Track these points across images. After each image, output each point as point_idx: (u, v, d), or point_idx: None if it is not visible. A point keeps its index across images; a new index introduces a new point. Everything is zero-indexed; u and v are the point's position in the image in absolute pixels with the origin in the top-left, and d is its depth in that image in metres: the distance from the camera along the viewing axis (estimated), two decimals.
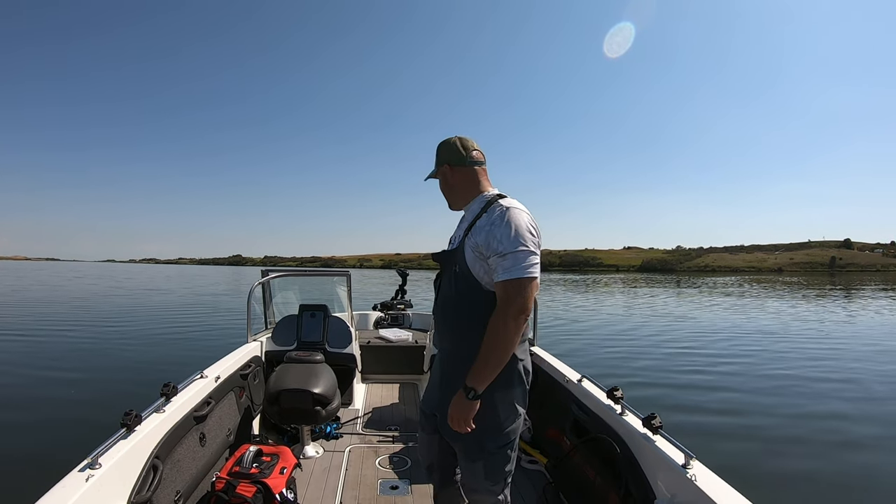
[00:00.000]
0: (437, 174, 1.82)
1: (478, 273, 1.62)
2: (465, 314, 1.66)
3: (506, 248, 1.52)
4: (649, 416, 1.99)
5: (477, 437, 1.63)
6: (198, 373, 2.77)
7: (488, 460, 1.67)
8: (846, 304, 22.84)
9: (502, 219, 1.57)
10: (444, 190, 1.82)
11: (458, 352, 1.70)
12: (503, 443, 1.68)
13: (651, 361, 8.94)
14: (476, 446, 1.66)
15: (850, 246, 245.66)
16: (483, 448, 1.66)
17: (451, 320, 1.72)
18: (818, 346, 10.88)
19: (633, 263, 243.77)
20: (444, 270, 1.76)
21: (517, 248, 1.51)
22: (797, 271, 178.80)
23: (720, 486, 1.58)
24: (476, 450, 1.67)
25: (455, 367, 1.70)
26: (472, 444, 1.66)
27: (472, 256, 1.62)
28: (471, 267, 1.62)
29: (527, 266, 1.51)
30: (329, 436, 3.44)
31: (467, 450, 1.69)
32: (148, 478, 1.89)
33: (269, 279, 4.25)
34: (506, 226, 1.54)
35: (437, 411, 1.78)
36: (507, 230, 1.53)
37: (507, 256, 1.51)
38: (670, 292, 32.96)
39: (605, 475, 2.22)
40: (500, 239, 1.54)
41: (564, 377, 2.93)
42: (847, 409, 6.12)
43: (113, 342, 10.31)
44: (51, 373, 7.47)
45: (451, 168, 1.77)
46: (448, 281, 1.72)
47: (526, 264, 1.51)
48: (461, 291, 1.66)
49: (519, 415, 1.68)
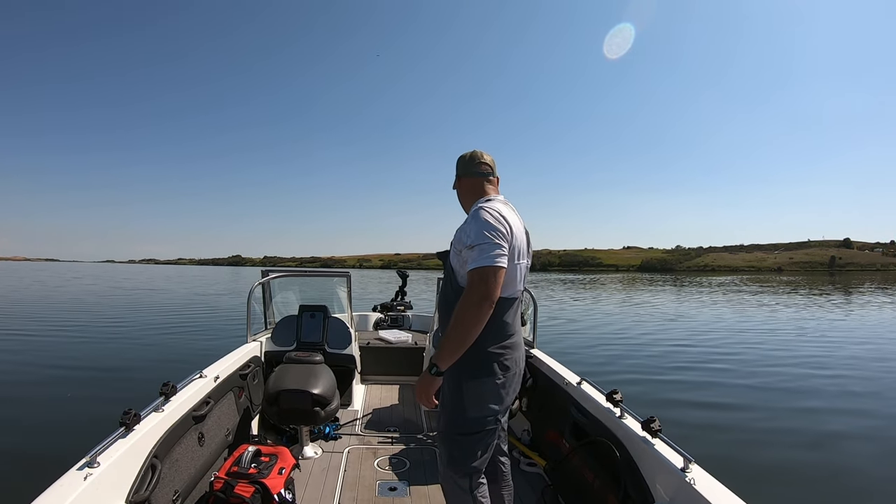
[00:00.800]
0: (455, 184, 2.03)
1: (458, 271, 1.78)
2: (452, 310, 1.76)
3: (473, 240, 1.67)
4: (648, 419, 1.99)
5: (442, 421, 1.82)
6: (197, 372, 2.77)
7: (451, 445, 1.80)
8: (845, 304, 22.84)
9: (474, 216, 1.75)
10: (460, 200, 2.02)
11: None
12: (465, 431, 1.77)
13: (651, 362, 8.96)
14: (441, 429, 1.84)
15: (849, 245, 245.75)
16: (446, 432, 1.81)
17: (444, 316, 1.83)
18: (818, 345, 10.88)
19: (633, 263, 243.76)
20: (444, 272, 1.94)
21: (483, 240, 1.65)
22: (797, 271, 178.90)
23: (719, 489, 1.59)
24: (441, 433, 1.84)
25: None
26: (440, 426, 1.85)
27: (453, 253, 1.82)
28: (454, 265, 1.80)
29: (493, 256, 1.63)
30: (328, 436, 3.44)
31: (437, 432, 1.89)
32: (146, 477, 1.89)
33: (269, 279, 4.25)
34: (474, 221, 1.72)
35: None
36: (476, 224, 1.70)
37: (474, 248, 1.66)
38: (669, 292, 32.96)
39: (604, 478, 2.22)
40: (468, 233, 1.71)
41: (564, 380, 2.93)
42: (846, 410, 6.12)
43: (112, 341, 10.32)
44: (50, 371, 7.47)
45: (458, 179, 2.00)
46: (444, 280, 1.91)
47: (492, 254, 1.63)
48: (449, 289, 1.84)
49: (489, 408, 1.75)
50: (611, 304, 22.42)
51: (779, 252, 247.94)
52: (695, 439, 4.92)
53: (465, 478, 1.80)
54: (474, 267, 1.63)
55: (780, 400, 6.54)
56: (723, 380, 7.66)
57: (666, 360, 9.09)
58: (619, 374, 7.96)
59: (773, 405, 6.30)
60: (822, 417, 5.84)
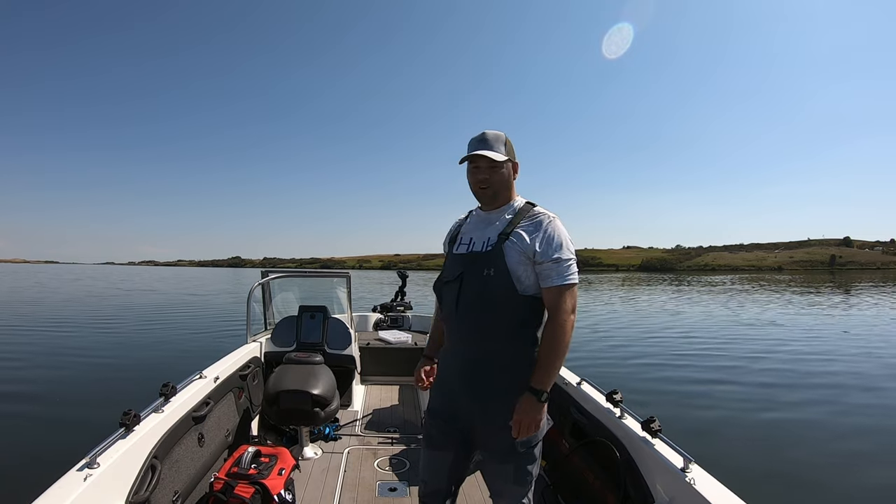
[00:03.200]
0: (503, 164, 1.66)
1: (519, 277, 1.59)
2: (503, 319, 1.61)
3: (563, 254, 1.58)
4: (648, 419, 1.99)
5: (509, 439, 1.60)
6: (197, 373, 2.77)
7: (519, 462, 1.65)
8: (845, 302, 22.84)
9: (554, 227, 1.62)
10: (497, 182, 1.67)
11: (493, 358, 1.64)
12: (534, 443, 1.66)
13: (651, 361, 8.96)
14: (508, 447, 1.62)
15: (849, 244, 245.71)
16: (514, 449, 1.63)
17: (484, 325, 1.62)
18: (818, 345, 10.88)
19: (633, 263, 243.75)
20: (471, 272, 1.65)
21: (572, 255, 1.60)
22: (797, 270, 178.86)
23: (719, 489, 1.58)
24: (508, 451, 1.63)
25: (488, 374, 1.64)
26: (505, 442, 1.62)
27: (516, 259, 1.60)
28: (512, 270, 1.59)
29: (575, 272, 1.61)
30: (328, 437, 3.43)
31: (499, 452, 1.65)
32: (146, 478, 1.89)
33: (269, 280, 4.25)
34: (560, 234, 1.61)
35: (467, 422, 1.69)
36: (562, 238, 1.60)
37: (564, 263, 1.58)
38: (669, 291, 32.96)
39: (603, 478, 2.22)
40: (555, 247, 1.58)
41: (563, 380, 2.93)
42: (848, 409, 6.12)
43: (112, 342, 10.33)
44: (50, 372, 7.48)
45: (511, 163, 1.70)
46: (477, 283, 1.62)
47: (575, 271, 1.61)
48: (496, 295, 1.60)
49: (546, 415, 1.65)
50: (611, 304, 22.42)
51: (779, 251, 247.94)
52: (695, 439, 4.92)
53: (530, 490, 1.71)
54: (570, 283, 1.57)
55: (780, 399, 6.54)
56: (723, 379, 7.66)
57: (666, 360, 9.10)
58: (619, 375, 7.97)
59: (773, 405, 6.29)
60: (823, 417, 5.83)
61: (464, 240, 1.75)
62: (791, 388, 7.12)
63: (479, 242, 1.68)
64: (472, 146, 1.67)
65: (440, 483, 1.76)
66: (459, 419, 1.69)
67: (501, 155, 1.64)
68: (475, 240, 1.70)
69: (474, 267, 1.64)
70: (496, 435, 1.63)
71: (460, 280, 1.66)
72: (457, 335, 1.71)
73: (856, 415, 5.91)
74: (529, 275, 1.60)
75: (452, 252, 1.76)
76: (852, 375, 7.91)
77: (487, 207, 1.74)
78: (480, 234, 1.70)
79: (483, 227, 1.72)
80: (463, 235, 1.77)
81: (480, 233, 1.71)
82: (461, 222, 1.85)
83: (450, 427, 1.72)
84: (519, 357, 1.63)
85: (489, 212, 1.74)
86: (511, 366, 1.62)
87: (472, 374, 1.66)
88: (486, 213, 1.75)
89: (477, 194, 1.72)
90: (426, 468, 1.80)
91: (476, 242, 1.69)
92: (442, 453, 1.74)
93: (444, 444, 1.74)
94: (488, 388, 1.63)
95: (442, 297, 1.76)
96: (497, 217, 1.70)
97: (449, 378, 1.74)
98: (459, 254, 1.71)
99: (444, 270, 1.80)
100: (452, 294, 1.67)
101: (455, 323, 1.68)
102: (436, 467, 1.76)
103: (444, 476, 1.75)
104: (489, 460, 1.69)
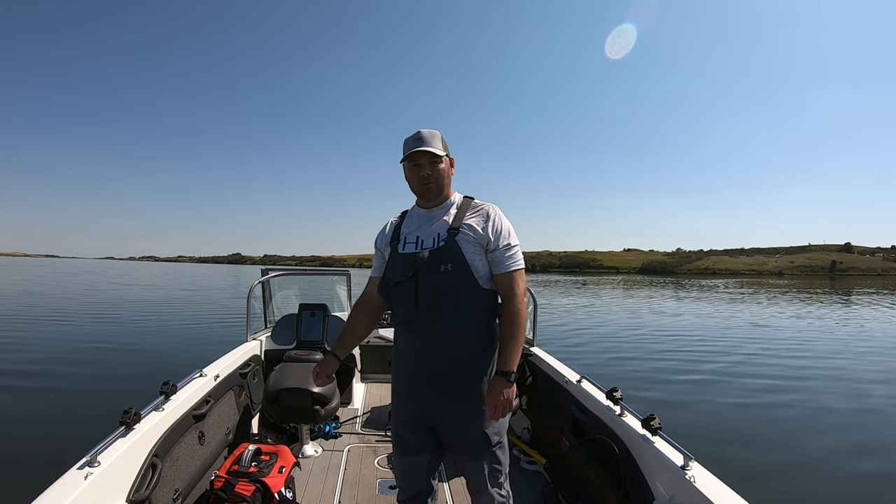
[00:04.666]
0: (442, 159, 1.68)
1: (476, 268, 1.62)
2: (467, 313, 1.62)
3: (512, 241, 1.66)
4: (648, 417, 1.99)
5: (482, 433, 1.65)
6: (197, 371, 2.77)
7: (493, 455, 1.69)
8: (845, 308, 22.83)
9: (500, 217, 1.70)
10: (437, 178, 1.67)
11: (464, 357, 1.64)
12: (503, 432, 1.73)
13: (651, 360, 8.94)
14: (482, 442, 1.66)
15: (850, 250, 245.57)
16: (489, 442, 1.67)
17: (450, 322, 1.60)
18: (818, 345, 10.87)
19: (634, 265, 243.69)
20: (427, 270, 1.61)
21: (517, 242, 1.69)
22: (798, 275, 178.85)
23: (719, 487, 1.59)
24: (482, 446, 1.66)
25: (460, 374, 1.64)
26: (479, 440, 1.65)
27: (471, 251, 1.61)
28: (470, 262, 1.60)
29: (522, 258, 1.69)
30: (328, 435, 3.44)
31: (474, 448, 1.67)
32: (147, 476, 1.89)
33: (269, 278, 4.25)
34: (505, 222, 1.69)
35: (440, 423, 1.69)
36: (509, 226, 1.68)
37: (513, 248, 1.66)
38: (669, 293, 32.96)
39: (604, 476, 2.22)
40: (504, 234, 1.66)
41: (564, 378, 2.93)
42: (847, 410, 6.10)
43: (112, 340, 10.31)
44: (49, 369, 7.47)
45: (449, 158, 1.72)
46: (436, 280, 1.59)
47: (521, 257, 1.69)
48: (457, 289, 1.60)
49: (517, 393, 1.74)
50: (611, 305, 22.41)
51: (780, 256, 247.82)
52: (695, 437, 4.93)
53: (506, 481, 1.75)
54: (520, 268, 1.66)
55: (780, 398, 6.55)
56: (723, 378, 7.66)
57: (666, 359, 9.09)
58: (619, 373, 7.97)
59: (773, 403, 6.30)
60: (823, 415, 5.84)
61: (409, 239, 1.71)
62: (791, 388, 7.12)
63: (429, 239, 1.66)
64: (409, 145, 1.67)
65: (419, 486, 1.79)
66: (433, 421, 1.70)
67: (441, 150, 1.66)
68: (422, 237, 1.68)
69: (430, 264, 1.61)
70: (470, 434, 1.66)
71: (415, 279, 1.61)
72: (419, 337, 1.65)
73: (855, 414, 5.91)
74: (485, 264, 1.65)
75: (398, 252, 1.70)
76: (852, 375, 7.91)
77: (430, 204, 1.73)
78: (427, 231, 1.68)
79: (428, 224, 1.70)
80: (407, 235, 1.72)
81: (426, 230, 1.69)
82: (397, 223, 1.81)
83: (425, 430, 1.72)
84: (489, 351, 1.67)
85: (431, 209, 1.74)
86: (482, 361, 1.66)
87: (445, 378, 1.64)
88: (427, 210, 1.74)
89: (420, 191, 1.72)
90: (404, 474, 1.81)
91: (424, 240, 1.67)
92: (420, 457, 1.76)
93: (421, 448, 1.74)
94: (463, 389, 1.64)
95: (393, 299, 1.70)
96: (441, 213, 1.71)
97: (416, 384, 1.69)
98: (408, 253, 1.67)
99: (387, 272, 1.75)
100: (408, 295, 1.62)
101: (416, 324, 1.63)
102: (414, 471, 1.78)
103: (422, 478, 1.78)
104: (464, 460, 1.72)
